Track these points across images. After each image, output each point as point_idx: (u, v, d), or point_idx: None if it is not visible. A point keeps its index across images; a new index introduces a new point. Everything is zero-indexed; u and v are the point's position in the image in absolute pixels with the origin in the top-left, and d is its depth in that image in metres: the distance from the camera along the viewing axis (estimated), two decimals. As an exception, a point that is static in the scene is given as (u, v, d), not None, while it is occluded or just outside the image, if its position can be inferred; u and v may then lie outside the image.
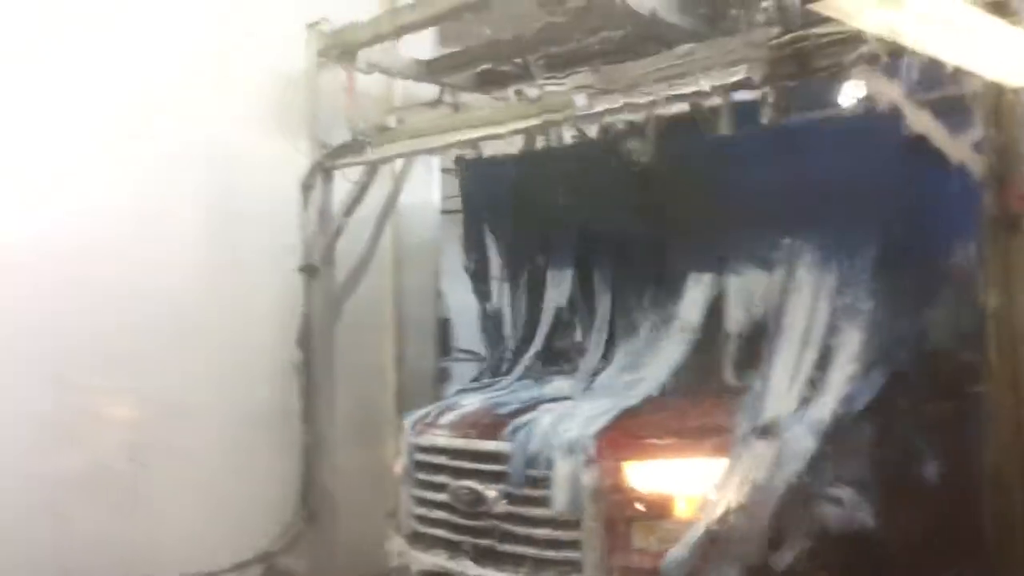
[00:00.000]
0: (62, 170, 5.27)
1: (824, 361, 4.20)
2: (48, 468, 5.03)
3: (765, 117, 4.72)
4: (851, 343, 4.20)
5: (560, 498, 4.11)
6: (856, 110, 4.40)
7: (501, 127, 4.68)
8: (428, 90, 6.43)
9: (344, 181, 5.83)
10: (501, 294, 5.95)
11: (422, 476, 4.71)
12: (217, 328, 5.78)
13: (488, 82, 6.08)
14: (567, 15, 5.03)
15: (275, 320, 6.01)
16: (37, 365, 5.07)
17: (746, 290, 4.76)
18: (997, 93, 3.45)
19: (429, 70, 6.10)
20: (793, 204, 4.46)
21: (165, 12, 5.64)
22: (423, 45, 6.41)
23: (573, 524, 4.08)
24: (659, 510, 4.01)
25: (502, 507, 4.27)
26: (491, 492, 4.30)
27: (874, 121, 4.17)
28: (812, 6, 3.17)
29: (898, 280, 4.27)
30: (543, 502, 4.18)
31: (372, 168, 5.83)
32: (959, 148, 3.77)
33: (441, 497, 4.53)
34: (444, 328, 7.14)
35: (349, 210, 5.86)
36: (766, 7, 4.70)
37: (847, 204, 4.33)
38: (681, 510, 3.98)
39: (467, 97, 5.97)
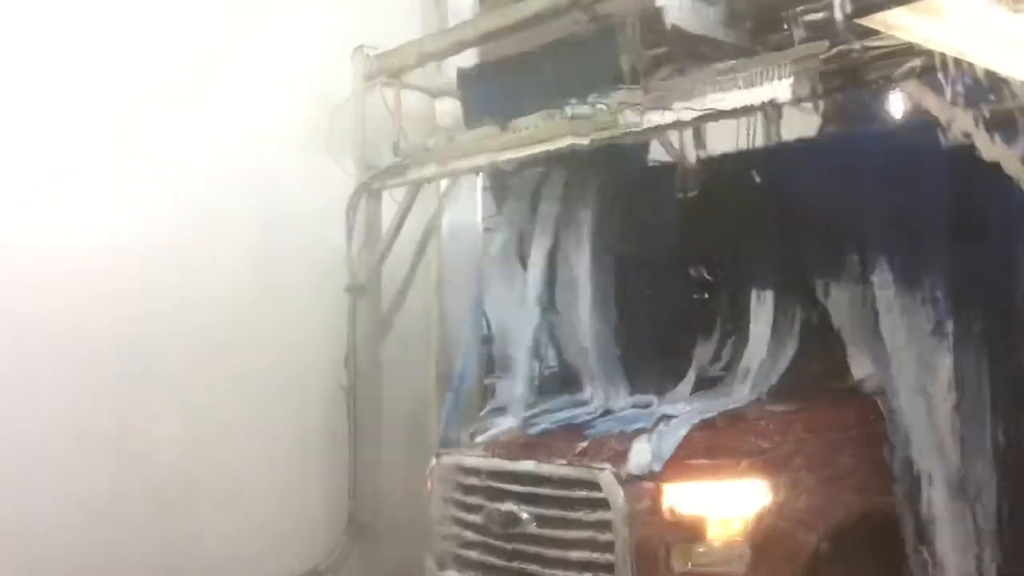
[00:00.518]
0: (110, 189, 5.35)
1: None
2: (94, 482, 5.09)
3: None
4: (944, 367, 4.17)
5: None
6: (904, 123, 4.37)
7: (549, 144, 4.68)
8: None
9: (391, 201, 5.87)
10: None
11: (456, 496, 4.68)
12: (265, 347, 5.83)
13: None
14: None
15: (322, 340, 6.06)
16: (85, 381, 5.13)
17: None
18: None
19: (471, 89, 6.13)
20: (856, 218, 4.45)
21: (215, 37, 5.72)
22: (466, 63, 6.48)
23: (607, 546, 4.02)
24: (697, 533, 3.95)
25: (534, 529, 4.23)
26: (524, 513, 4.26)
27: (920, 133, 4.15)
28: (859, 19, 3.19)
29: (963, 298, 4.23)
30: (577, 524, 4.13)
31: (416, 188, 5.88)
32: (1012, 161, 3.73)
33: (474, 518, 4.52)
34: (487, 346, 7.12)
35: (395, 230, 5.91)
36: (810, 21, 4.76)
37: (909, 219, 4.32)
38: (719, 533, 3.93)
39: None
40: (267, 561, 5.61)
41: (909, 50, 3.74)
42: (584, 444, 4.33)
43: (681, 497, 3.99)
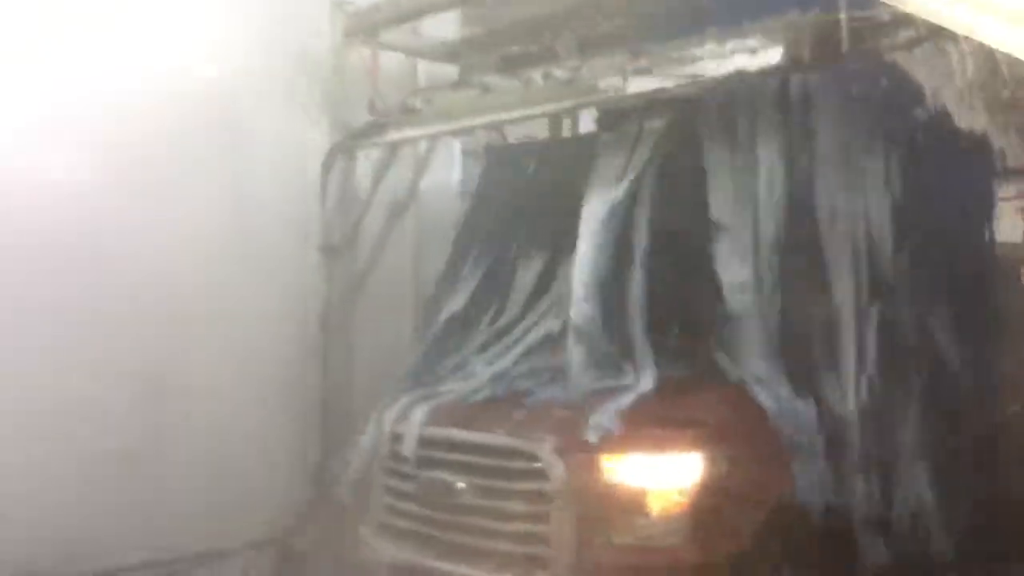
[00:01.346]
0: (77, 148, 5.17)
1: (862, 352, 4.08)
2: (66, 445, 4.98)
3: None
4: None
5: None
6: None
7: (531, 109, 4.60)
8: (450, 74, 6.38)
9: (368, 162, 5.77)
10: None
11: (391, 464, 4.52)
12: (237, 307, 5.72)
13: (513, 64, 6.00)
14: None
15: (295, 301, 5.95)
16: (56, 345, 5.00)
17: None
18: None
19: (453, 51, 6.03)
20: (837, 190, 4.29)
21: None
22: (446, 27, 6.37)
23: (544, 519, 3.91)
24: (636, 506, 3.83)
25: (471, 500, 4.09)
26: (460, 484, 4.12)
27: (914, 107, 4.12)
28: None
29: (941, 268, 4.20)
30: (514, 495, 4.01)
31: (393, 149, 5.78)
32: (1005, 138, 3.72)
33: (409, 487, 4.37)
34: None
35: (371, 191, 5.81)
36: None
37: (879, 190, 4.21)
38: (659, 506, 3.82)
39: (491, 79, 5.87)
40: (234, 522, 5.55)
41: (900, 22, 3.70)
42: (523, 413, 4.20)
43: (621, 469, 3.88)
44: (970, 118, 3.71)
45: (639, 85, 4.32)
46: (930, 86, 3.82)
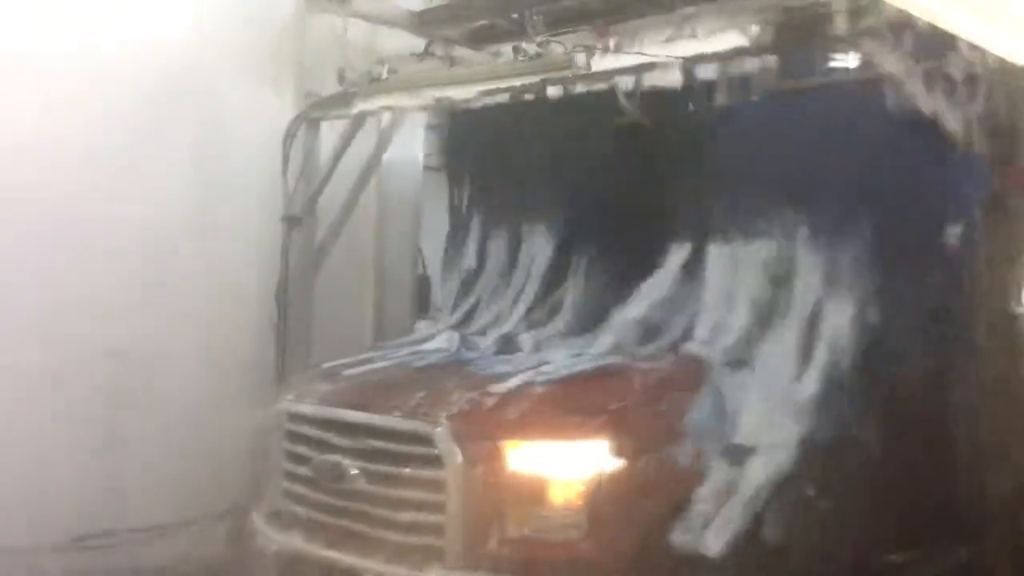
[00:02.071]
0: (39, 117, 5.10)
1: (813, 337, 4.07)
2: (27, 411, 4.97)
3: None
4: (842, 318, 4.07)
5: None
6: (853, 81, 4.35)
7: (498, 82, 4.58)
8: (415, 45, 6.31)
9: (332, 132, 5.71)
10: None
11: (286, 446, 4.29)
12: (196, 277, 5.68)
13: (481, 37, 5.97)
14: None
15: (256, 271, 5.91)
16: (18, 314, 4.98)
17: (730, 261, 4.50)
18: (1007, 71, 3.43)
19: (421, 21, 5.97)
20: (784, 176, 4.34)
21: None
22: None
23: (438, 507, 3.70)
24: (535, 497, 3.65)
25: (364, 485, 3.87)
26: (353, 469, 3.90)
27: (870, 93, 4.15)
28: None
29: (891, 257, 4.23)
30: (409, 482, 3.80)
31: (359, 120, 5.72)
32: (961, 125, 3.78)
33: (303, 471, 4.14)
34: (423, 285, 7.05)
35: (333, 162, 5.76)
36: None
37: (840, 178, 4.24)
38: (559, 497, 3.65)
39: (458, 52, 5.84)
40: (191, 492, 5.51)
41: (870, 7, 3.73)
42: (422, 395, 3.99)
43: (520, 457, 3.68)
44: (931, 104, 3.76)
45: (607, 63, 4.32)
46: (895, 72, 3.86)
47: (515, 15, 5.56)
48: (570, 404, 3.82)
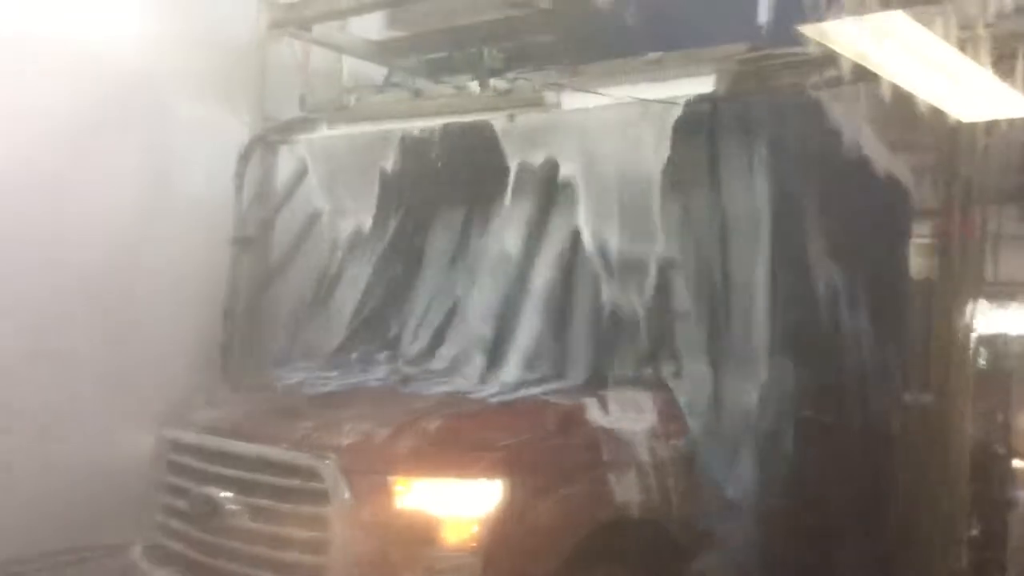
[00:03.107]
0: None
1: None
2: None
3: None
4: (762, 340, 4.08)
5: None
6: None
7: (465, 115, 4.69)
8: (373, 74, 6.41)
9: (291, 156, 5.76)
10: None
11: (168, 478, 4.06)
12: (142, 294, 5.64)
13: (439, 69, 6.09)
14: (529, 9, 5.12)
15: (204, 291, 5.89)
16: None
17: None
18: (955, 126, 3.70)
19: (381, 50, 6.07)
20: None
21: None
22: (371, 26, 6.40)
23: (321, 547, 3.45)
24: (426, 537, 3.41)
25: (244, 521, 3.63)
26: (230, 504, 3.65)
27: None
28: (802, 29, 3.37)
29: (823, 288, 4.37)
30: (292, 518, 3.55)
31: (319, 144, 5.76)
32: (905, 171, 4.04)
33: (182, 504, 3.89)
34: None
35: (292, 185, 5.80)
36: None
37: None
38: (451, 538, 3.41)
39: (421, 83, 5.94)
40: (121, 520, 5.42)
41: (824, 61, 3.96)
42: (310, 424, 3.74)
43: (412, 494, 3.45)
44: (886, 159, 4.01)
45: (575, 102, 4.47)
46: (850, 126, 4.11)
47: (473, 49, 5.75)
48: (468, 438, 3.61)
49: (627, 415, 3.90)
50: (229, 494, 3.67)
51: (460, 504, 3.45)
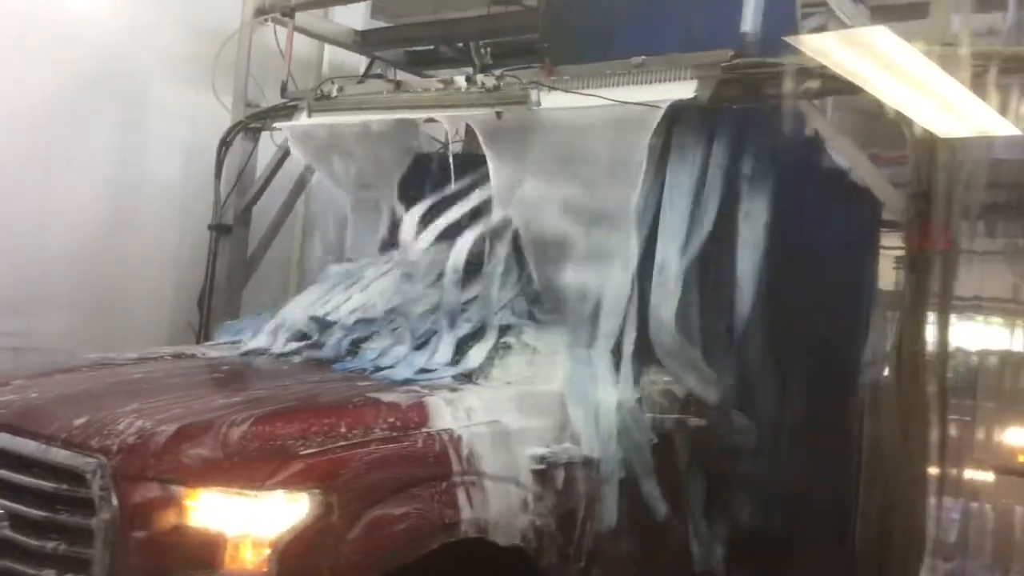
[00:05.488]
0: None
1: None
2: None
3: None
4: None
5: None
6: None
7: (450, 110, 4.69)
8: (353, 65, 6.42)
9: (271, 143, 5.75)
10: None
11: None
12: (110, 275, 5.64)
13: (422, 62, 6.11)
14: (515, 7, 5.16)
15: (181, 276, 5.89)
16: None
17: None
18: (931, 141, 3.76)
19: (362, 41, 6.07)
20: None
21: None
22: (354, 17, 6.41)
23: (84, 564, 2.90)
24: (207, 558, 2.84)
25: (5, 531, 3.05)
26: None
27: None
28: (787, 39, 3.41)
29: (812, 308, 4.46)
30: (56, 529, 2.99)
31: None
32: (881, 185, 4.11)
33: None
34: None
35: (270, 172, 5.79)
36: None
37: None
38: (238, 560, 2.85)
39: (403, 75, 5.96)
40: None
41: (807, 72, 4.02)
42: (88, 417, 3.12)
43: (194, 507, 2.88)
44: (858, 163, 4.08)
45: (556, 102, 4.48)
46: (827, 136, 4.17)
47: (461, 44, 5.78)
48: (270, 443, 2.98)
49: (503, 416, 3.46)
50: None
51: (251, 522, 2.86)
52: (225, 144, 5.80)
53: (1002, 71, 3.64)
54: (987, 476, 6.02)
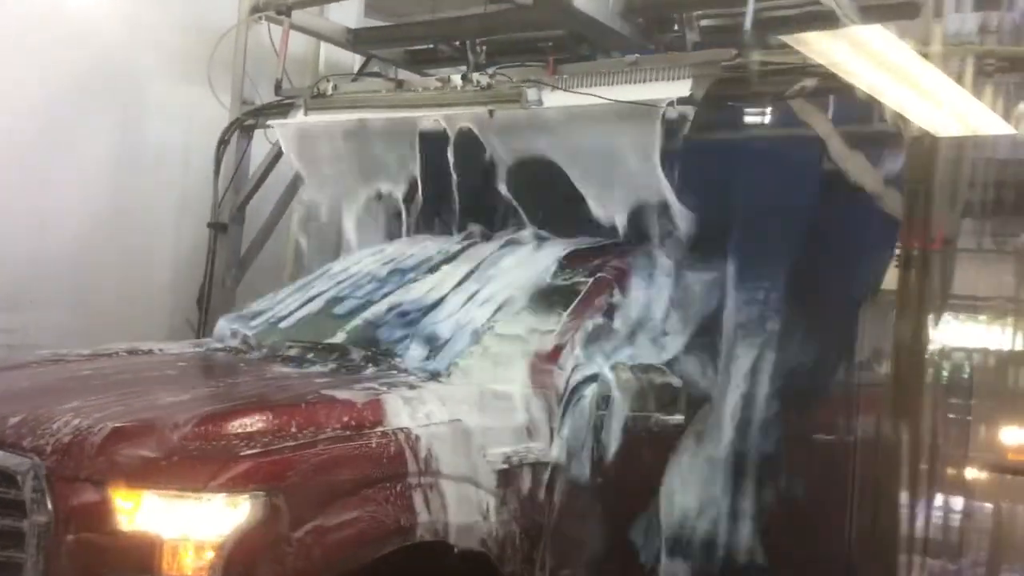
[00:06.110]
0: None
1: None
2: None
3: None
4: (746, 360, 4.08)
5: None
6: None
7: (446, 109, 4.70)
8: (351, 63, 6.42)
9: (266, 140, 5.74)
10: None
11: None
12: (115, 274, 5.67)
13: (418, 60, 6.11)
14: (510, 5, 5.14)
15: (178, 274, 5.90)
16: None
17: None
18: (927, 140, 3.78)
19: (356, 39, 6.07)
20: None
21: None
22: (350, 16, 6.41)
23: (14, 572, 2.79)
24: (148, 563, 2.73)
25: None
26: None
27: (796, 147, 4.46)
28: (785, 38, 3.43)
29: (804, 303, 4.37)
30: None
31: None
32: (878, 184, 4.12)
33: None
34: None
35: (265, 170, 5.79)
36: (704, 26, 5.02)
37: (762, 222, 4.35)
38: (181, 565, 2.74)
39: (402, 74, 5.96)
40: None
41: (803, 69, 4.03)
42: (26, 415, 3.00)
43: (132, 510, 2.77)
44: (853, 168, 4.08)
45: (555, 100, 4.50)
46: (823, 134, 4.19)
47: (457, 43, 5.77)
48: (213, 442, 2.86)
49: (464, 415, 3.32)
50: None
51: (192, 525, 2.76)
52: (224, 142, 5.80)
53: (997, 70, 3.66)
54: (982, 474, 6.01)
